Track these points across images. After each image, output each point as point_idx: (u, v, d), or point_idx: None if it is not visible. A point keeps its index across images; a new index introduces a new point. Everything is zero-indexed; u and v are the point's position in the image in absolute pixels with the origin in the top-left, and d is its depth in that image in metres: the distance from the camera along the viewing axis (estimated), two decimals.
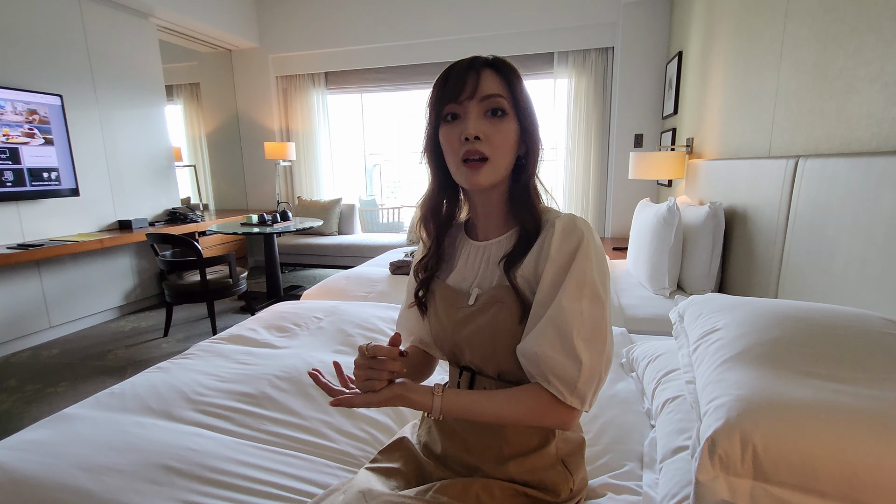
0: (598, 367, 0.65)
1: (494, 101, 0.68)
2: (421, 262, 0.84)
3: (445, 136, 0.71)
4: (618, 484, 0.87)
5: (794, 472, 0.56)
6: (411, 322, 0.88)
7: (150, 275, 3.74)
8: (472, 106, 0.69)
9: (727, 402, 0.64)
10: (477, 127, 0.68)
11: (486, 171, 0.69)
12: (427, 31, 4.11)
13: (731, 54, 2.11)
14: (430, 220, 0.81)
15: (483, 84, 0.68)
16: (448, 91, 0.69)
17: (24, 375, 2.51)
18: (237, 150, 4.94)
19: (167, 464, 0.90)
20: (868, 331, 0.73)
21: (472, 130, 0.68)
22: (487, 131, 0.68)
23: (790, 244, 1.40)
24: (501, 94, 0.68)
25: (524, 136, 0.71)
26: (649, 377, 1.13)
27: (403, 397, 0.66)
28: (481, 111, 0.69)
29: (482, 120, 0.69)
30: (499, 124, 0.69)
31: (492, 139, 0.68)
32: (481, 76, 0.68)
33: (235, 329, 1.64)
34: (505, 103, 0.69)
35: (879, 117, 1.10)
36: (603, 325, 0.66)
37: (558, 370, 0.64)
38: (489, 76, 0.69)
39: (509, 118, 0.69)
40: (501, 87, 0.69)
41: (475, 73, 0.68)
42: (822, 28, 1.35)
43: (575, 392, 0.64)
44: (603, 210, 4.10)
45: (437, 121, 0.72)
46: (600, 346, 0.65)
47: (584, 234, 0.67)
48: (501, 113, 0.69)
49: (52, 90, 2.99)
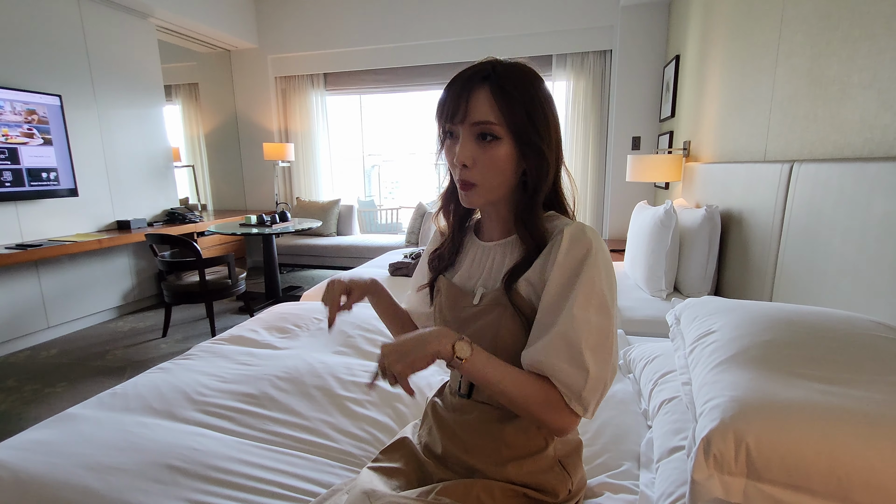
0: (604, 376, 0.65)
1: (484, 127, 0.67)
2: (436, 251, 0.86)
3: (446, 153, 0.73)
4: (615, 483, 0.89)
5: (785, 470, 0.58)
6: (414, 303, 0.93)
7: (148, 275, 3.74)
8: (465, 129, 0.68)
9: (722, 403, 0.65)
10: (465, 153, 0.68)
11: (477, 195, 0.71)
12: (426, 33, 4.13)
13: (727, 59, 2.13)
14: (450, 212, 0.84)
15: (473, 108, 0.67)
16: (444, 111, 0.70)
17: (22, 375, 2.51)
18: (236, 150, 4.94)
19: (171, 463, 0.91)
20: (859, 333, 0.75)
21: (460, 158, 0.68)
22: (477, 157, 0.68)
23: (785, 247, 1.42)
24: (492, 119, 0.67)
25: (525, 154, 0.70)
26: (646, 378, 1.15)
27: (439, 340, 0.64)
28: (472, 135, 0.68)
29: (473, 144, 0.69)
30: (489, 150, 0.68)
31: (480, 164, 0.69)
32: (472, 97, 0.67)
33: (236, 330, 1.65)
34: (496, 128, 0.67)
35: (872, 123, 1.12)
36: (610, 335, 0.66)
37: (564, 378, 0.64)
38: (482, 97, 0.67)
39: (502, 142, 0.68)
40: (493, 111, 0.67)
41: (467, 95, 0.67)
42: (816, 35, 1.37)
43: (580, 400, 0.65)
44: (601, 212, 4.13)
45: (444, 134, 0.73)
46: (607, 356, 0.66)
47: (592, 243, 0.67)
48: (492, 138, 0.68)
49: (51, 90, 2.99)
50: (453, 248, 0.84)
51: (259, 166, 4.88)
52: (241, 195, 5.06)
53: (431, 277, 0.86)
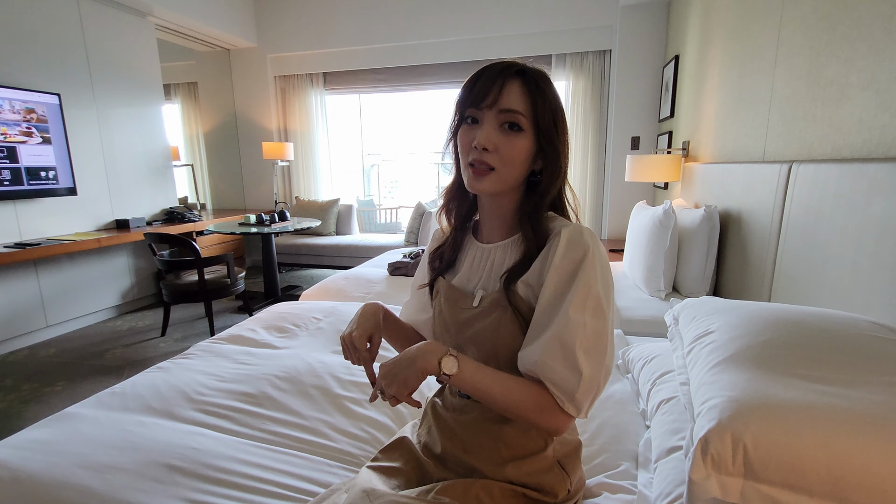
0: (598, 378, 0.66)
1: (512, 115, 0.68)
2: (436, 251, 0.86)
3: (461, 137, 0.72)
4: (613, 483, 0.89)
5: (782, 471, 0.58)
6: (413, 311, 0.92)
7: (147, 274, 3.74)
8: (490, 115, 0.69)
9: (719, 403, 0.65)
10: (489, 138, 0.68)
11: (491, 180, 0.70)
12: (426, 32, 4.13)
13: (726, 59, 2.13)
14: (453, 210, 0.83)
15: (505, 96, 0.68)
16: (473, 95, 0.69)
17: (21, 375, 2.50)
18: (235, 149, 4.94)
19: (170, 462, 0.91)
20: (856, 334, 0.76)
21: (482, 141, 0.68)
22: (499, 143, 0.69)
23: (783, 248, 1.43)
24: (521, 110, 0.68)
25: (541, 153, 0.71)
26: (644, 378, 1.15)
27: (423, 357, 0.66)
28: (497, 122, 0.69)
29: (496, 131, 0.69)
30: (513, 139, 0.69)
31: (502, 152, 0.69)
32: (506, 87, 0.68)
33: (235, 329, 1.65)
34: (523, 120, 0.68)
35: (870, 124, 1.12)
36: (604, 337, 0.66)
37: (558, 380, 0.65)
38: (515, 88, 0.68)
39: (525, 135, 0.69)
40: (524, 103, 0.68)
41: (501, 82, 0.68)
42: (815, 35, 1.38)
43: (573, 401, 0.65)
44: (600, 212, 4.13)
45: (460, 121, 0.73)
46: (600, 358, 0.66)
47: (589, 245, 0.67)
48: (518, 128, 0.69)
49: (49, 89, 2.98)
50: (454, 248, 0.84)
51: (258, 165, 4.87)
52: (241, 194, 5.05)
53: (431, 278, 0.86)
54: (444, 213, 0.84)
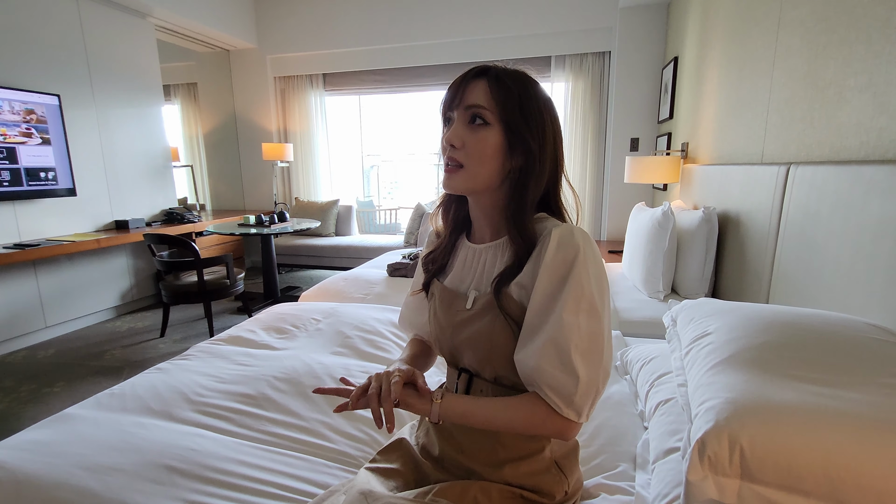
0: (596, 380, 0.65)
1: (475, 109, 0.70)
2: (430, 255, 0.86)
3: (441, 139, 0.74)
4: (611, 484, 0.89)
5: (779, 472, 0.59)
6: (411, 312, 0.92)
7: (146, 275, 3.74)
8: (459, 114, 0.71)
9: (717, 404, 0.66)
10: (456, 133, 0.70)
11: (460, 177, 0.71)
12: (425, 34, 4.14)
13: (725, 61, 2.14)
14: (448, 212, 0.84)
15: (468, 93, 0.70)
16: (446, 97, 0.73)
17: (20, 375, 2.50)
18: (234, 150, 4.94)
19: (168, 464, 0.91)
20: (853, 336, 0.76)
21: (449, 137, 0.71)
22: (466, 139, 0.70)
23: (781, 249, 1.43)
24: (483, 104, 0.69)
25: (514, 148, 0.70)
26: (643, 380, 1.15)
27: (405, 402, 0.69)
28: (465, 119, 0.71)
29: (464, 128, 0.71)
30: (479, 132, 0.70)
31: (469, 147, 0.70)
32: (470, 85, 0.71)
33: (234, 330, 1.65)
34: (487, 113, 0.69)
35: (868, 126, 1.12)
36: (600, 338, 0.66)
37: (554, 384, 0.65)
38: (478, 86, 0.70)
39: (492, 128, 0.70)
40: (486, 98, 0.69)
41: (465, 83, 0.71)
42: (813, 38, 1.38)
43: (571, 405, 0.65)
44: (599, 213, 4.14)
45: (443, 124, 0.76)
46: (597, 360, 0.65)
47: (580, 245, 0.66)
48: (481, 122, 0.70)
49: (49, 90, 2.99)
50: (447, 250, 0.84)
51: (258, 166, 4.88)
52: (240, 195, 5.06)
53: (426, 280, 0.86)
54: (438, 215, 0.85)
